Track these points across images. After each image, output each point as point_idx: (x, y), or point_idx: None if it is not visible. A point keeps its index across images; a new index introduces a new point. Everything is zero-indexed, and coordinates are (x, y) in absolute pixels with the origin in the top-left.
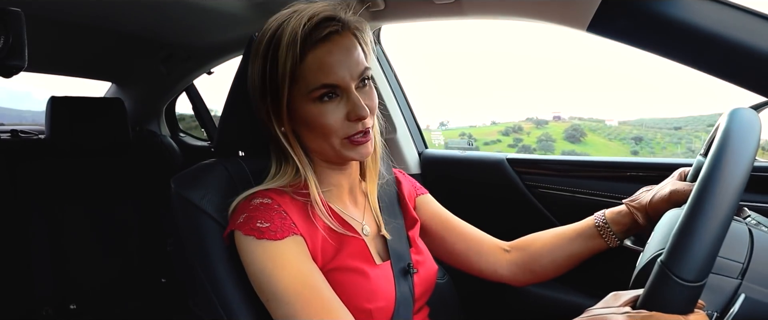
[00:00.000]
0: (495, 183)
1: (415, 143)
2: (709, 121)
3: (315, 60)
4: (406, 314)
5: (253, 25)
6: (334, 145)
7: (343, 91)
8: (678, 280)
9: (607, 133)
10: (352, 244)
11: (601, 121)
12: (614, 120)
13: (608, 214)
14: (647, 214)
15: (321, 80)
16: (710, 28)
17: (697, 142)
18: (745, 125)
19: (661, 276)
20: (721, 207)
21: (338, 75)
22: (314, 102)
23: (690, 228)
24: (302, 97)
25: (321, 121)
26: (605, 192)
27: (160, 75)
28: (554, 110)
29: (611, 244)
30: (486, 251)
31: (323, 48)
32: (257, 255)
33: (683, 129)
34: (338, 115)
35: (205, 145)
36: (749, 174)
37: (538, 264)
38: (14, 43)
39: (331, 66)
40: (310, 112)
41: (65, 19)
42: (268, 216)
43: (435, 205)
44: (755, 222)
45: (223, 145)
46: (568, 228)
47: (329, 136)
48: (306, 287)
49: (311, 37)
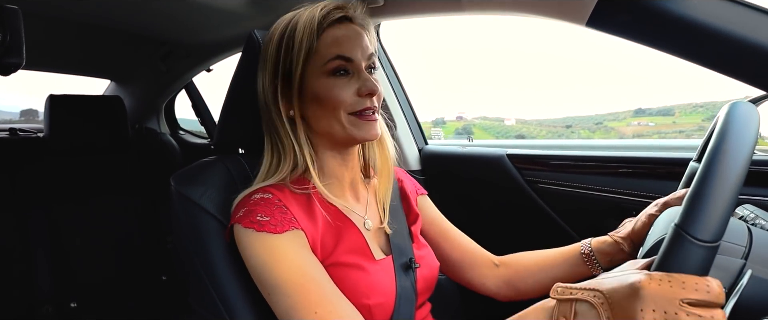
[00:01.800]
0: (495, 178)
1: (415, 139)
2: (596, 119)
3: (330, 36)
4: (408, 309)
5: (253, 22)
6: (342, 120)
7: (354, 69)
8: (694, 240)
9: (497, 131)
10: (350, 238)
11: (501, 120)
12: (512, 119)
13: (594, 243)
14: (632, 242)
15: (335, 52)
16: (709, 23)
17: (585, 133)
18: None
19: (677, 238)
20: (732, 171)
21: (351, 50)
22: (327, 76)
23: (703, 190)
24: (316, 71)
25: (332, 94)
26: (605, 187)
27: (160, 72)
28: (461, 110)
29: (594, 272)
30: (478, 264)
31: (339, 27)
32: (257, 247)
33: (572, 127)
34: (349, 90)
35: (205, 142)
36: (753, 149)
37: (523, 282)
38: (12, 41)
39: (346, 40)
40: (323, 86)
41: (64, 17)
42: (269, 210)
43: (433, 210)
44: (753, 215)
45: (222, 143)
46: (555, 253)
47: (338, 109)
48: (306, 279)
49: (327, 18)
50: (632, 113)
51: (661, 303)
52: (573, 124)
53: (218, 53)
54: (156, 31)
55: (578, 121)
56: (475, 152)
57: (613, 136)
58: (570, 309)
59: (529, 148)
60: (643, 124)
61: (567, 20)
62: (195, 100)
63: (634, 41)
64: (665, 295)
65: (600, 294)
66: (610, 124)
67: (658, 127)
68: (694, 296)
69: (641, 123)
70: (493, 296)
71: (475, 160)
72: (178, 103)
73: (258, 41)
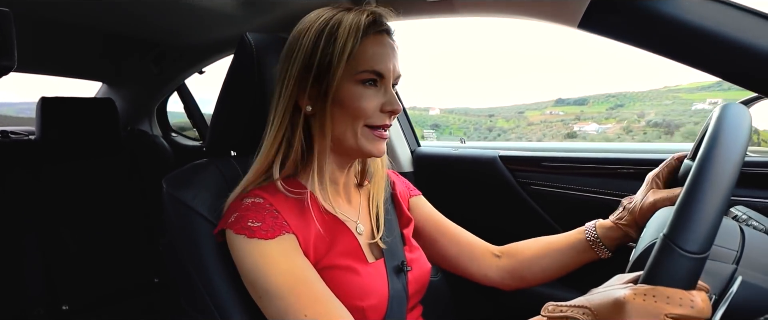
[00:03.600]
0: (488, 180)
1: (407, 141)
2: (519, 109)
3: (371, 46)
4: (399, 311)
5: (245, 25)
6: (357, 130)
7: (383, 83)
8: (681, 252)
9: (417, 121)
10: (344, 242)
11: (426, 110)
12: (437, 109)
13: (599, 228)
14: (637, 225)
15: (372, 65)
16: (701, 24)
17: (502, 122)
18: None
19: (664, 249)
20: (722, 180)
21: (387, 66)
22: (356, 84)
23: (692, 200)
24: (348, 76)
25: (359, 103)
26: (597, 189)
27: (152, 74)
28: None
29: (603, 256)
30: (477, 255)
31: (380, 38)
32: (248, 252)
33: (494, 116)
34: (374, 102)
35: (197, 144)
36: (744, 155)
37: (528, 271)
38: (3, 43)
39: (382, 56)
40: (352, 93)
41: (55, 19)
42: (260, 215)
43: (428, 207)
44: (746, 216)
45: (215, 145)
46: (560, 239)
47: (358, 119)
48: (298, 281)
49: (372, 27)
50: (553, 103)
51: (646, 319)
52: (495, 113)
53: (210, 55)
54: (148, 33)
55: (501, 111)
56: (468, 154)
57: (522, 123)
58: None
59: (521, 150)
60: (554, 113)
61: (559, 22)
62: (187, 102)
63: (626, 43)
64: (649, 310)
65: (588, 311)
66: (528, 114)
67: (566, 116)
68: (678, 311)
69: (553, 112)
70: (498, 286)
71: (468, 162)
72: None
73: (250, 43)
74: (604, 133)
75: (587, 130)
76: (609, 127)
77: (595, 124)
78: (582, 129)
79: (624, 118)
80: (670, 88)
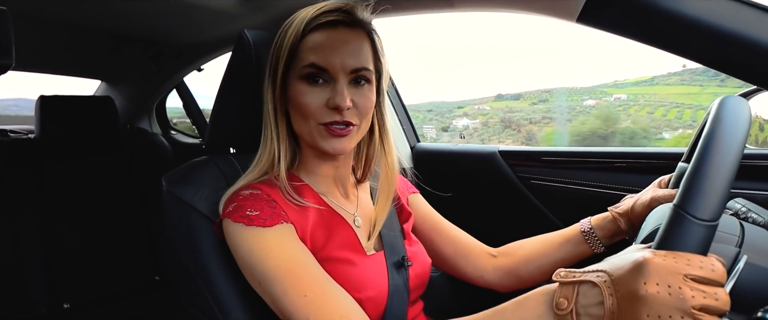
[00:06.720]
0: (487, 175)
1: (407, 137)
2: (460, 104)
3: (313, 40)
4: (400, 306)
5: (243, 22)
6: (312, 129)
7: (331, 78)
8: (694, 219)
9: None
10: (341, 234)
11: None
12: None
13: (594, 221)
14: (629, 220)
15: (310, 59)
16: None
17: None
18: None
19: (676, 218)
20: (729, 150)
21: (327, 59)
22: (301, 81)
23: (701, 169)
24: (295, 73)
25: (302, 101)
26: (596, 183)
27: (150, 72)
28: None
29: (596, 250)
30: (473, 256)
31: (324, 32)
32: (246, 239)
33: (432, 111)
34: (319, 99)
35: (197, 142)
36: (746, 137)
37: (524, 269)
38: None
39: (323, 49)
40: (296, 90)
41: (53, 17)
42: (258, 205)
43: (426, 206)
44: (745, 209)
45: (214, 142)
46: (555, 235)
47: (308, 118)
48: (296, 265)
49: (317, 19)
50: (494, 98)
51: (666, 277)
52: (433, 108)
53: (209, 53)
54: (146, 31)
55: (440, 106)
56: (467, 149)
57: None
58: (572, 291)
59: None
60: (482, 109)
61: (557, 17)
62: (186, 100)
63: (625, 37)
64: (670, 269)
65: (603, 273)
66: (466, 109)
67: (494, 111)
68: (699, 273)
69: (481, 107)
70: (494, 287)
71: (467, 157)
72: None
73: (248, 40)
74: (468, 128)
75: (456, 125)
76: (476, 122)
77: (467, 119)
78: (454, 123)
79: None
80: (619, 82)
